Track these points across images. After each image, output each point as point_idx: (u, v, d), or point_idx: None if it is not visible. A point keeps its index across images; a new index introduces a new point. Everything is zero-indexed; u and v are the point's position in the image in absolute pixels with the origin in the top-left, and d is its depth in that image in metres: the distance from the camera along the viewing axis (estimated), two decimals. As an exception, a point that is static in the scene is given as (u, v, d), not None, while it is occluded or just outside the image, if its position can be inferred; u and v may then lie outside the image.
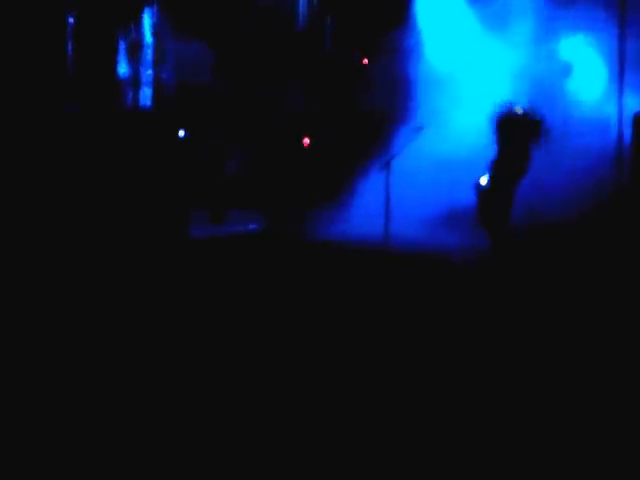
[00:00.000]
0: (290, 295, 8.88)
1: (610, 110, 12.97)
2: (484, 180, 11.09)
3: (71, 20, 12.45)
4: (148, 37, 13.19)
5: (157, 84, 13.24)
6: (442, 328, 7.74)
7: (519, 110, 11.15)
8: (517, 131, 11.05)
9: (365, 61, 12.83)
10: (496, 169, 11.08)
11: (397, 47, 12.99)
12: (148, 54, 13.19)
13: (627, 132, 12.53)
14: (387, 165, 10.30)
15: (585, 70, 13.20)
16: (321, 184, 12.63)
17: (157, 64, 13.23)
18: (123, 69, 13.00)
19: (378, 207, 11.51)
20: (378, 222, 11.30)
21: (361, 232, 11.62)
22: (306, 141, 12.74)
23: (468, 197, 11.45)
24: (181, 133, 12.51)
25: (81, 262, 9.68)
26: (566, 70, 13.19)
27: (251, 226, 12.31)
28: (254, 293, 8.91)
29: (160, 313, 8.05)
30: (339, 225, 12.02)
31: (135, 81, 13.06)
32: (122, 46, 12.96)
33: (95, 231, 10.61)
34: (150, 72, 13.22)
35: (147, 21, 13.17)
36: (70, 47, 12.51)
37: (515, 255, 10.50)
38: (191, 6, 13.14)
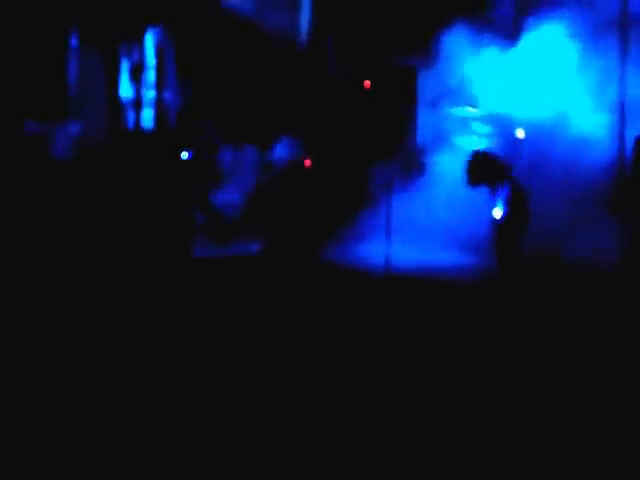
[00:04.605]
0: (291, 316, 8.87)
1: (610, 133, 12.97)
2: (498, 213, 11.16)
3: (74, 40, 12.48)
4: (151, 58, 13.20)
5: (160, 105, 13.25)
6: (441, 352, 7.73)
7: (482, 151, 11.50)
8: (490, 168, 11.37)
9: (367, 83, 12.85)
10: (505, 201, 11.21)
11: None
12: (151, 75, 13.21)
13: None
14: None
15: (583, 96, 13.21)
16: (323, 205, 12.63)
17: (160, 85, 13.24)
18: (126, 90, 13.01)
19: (381, 228, 11.52)
20: (381, 244, 11.30)
21: (364, 254, 11.61)
22: (307, 162, 12.75)
23: (475, 219, 11.45)
24: (184, 154, 12.51)
25: (86, 280, 9.68)
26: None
27: (253, 247, 12.31)
28: (255, 313, 8.91)
29: (163, 330, 8.06)
30: (342, 247, 12.00)
31: (137, 102, 13.07)
32: (125, 67, 12.98)
33: (100, 250, 10.62)
34: (153, 93, 13.23)
35: (150, 42, 13.19)
36: (72, 67, 12.54)
37: (521, 283, 10.46)
38: (194, 28, 13.16)
